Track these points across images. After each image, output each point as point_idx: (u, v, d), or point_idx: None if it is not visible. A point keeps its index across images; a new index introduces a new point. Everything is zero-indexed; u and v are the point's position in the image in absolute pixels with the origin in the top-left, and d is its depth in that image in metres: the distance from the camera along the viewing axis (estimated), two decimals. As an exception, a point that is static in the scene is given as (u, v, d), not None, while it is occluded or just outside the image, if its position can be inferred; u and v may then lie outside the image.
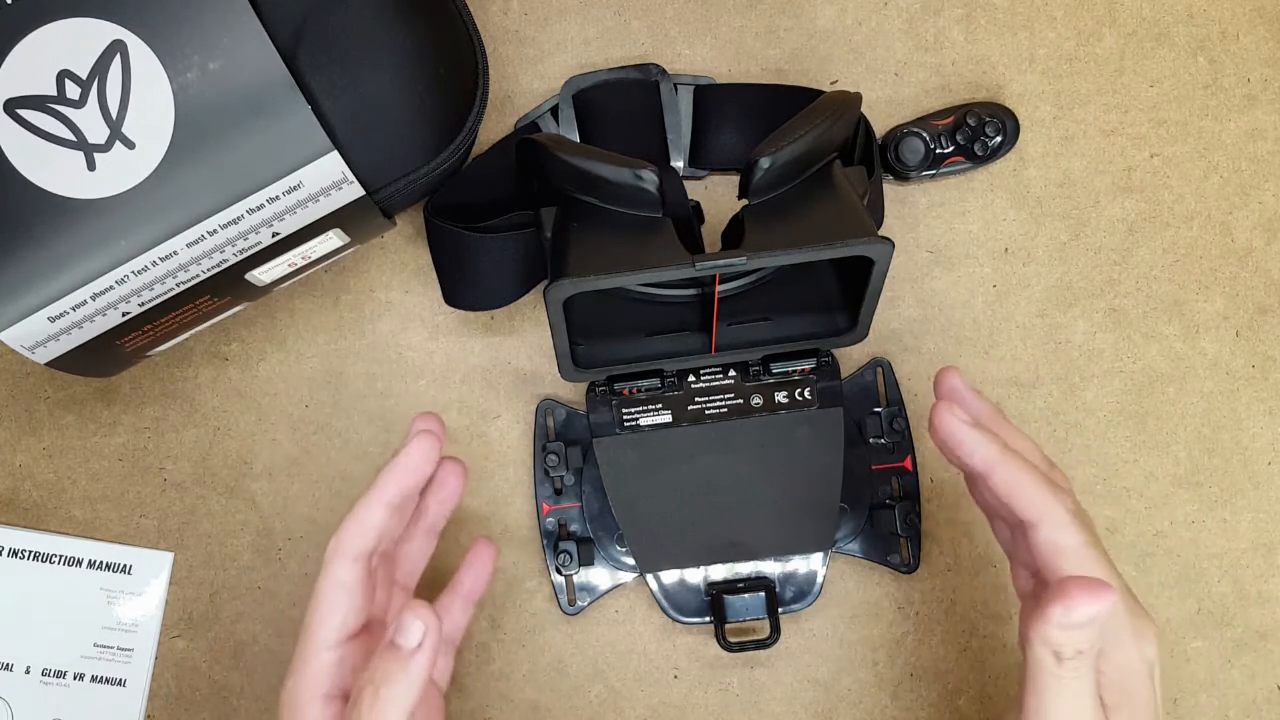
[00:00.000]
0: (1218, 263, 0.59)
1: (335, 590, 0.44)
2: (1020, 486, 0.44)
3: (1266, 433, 0.58)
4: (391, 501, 0.45)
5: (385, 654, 0.41)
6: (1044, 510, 0.43)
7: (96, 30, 0.43)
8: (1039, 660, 0.41)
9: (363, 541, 0.45)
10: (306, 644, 0.44)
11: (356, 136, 0.47)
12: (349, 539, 0.45)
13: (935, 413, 0.45)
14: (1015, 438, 0.48)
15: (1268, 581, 0.58)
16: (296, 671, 0.44)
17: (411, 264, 0.58)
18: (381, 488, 0.45)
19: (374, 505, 0.45)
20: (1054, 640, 0.41)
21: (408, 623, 0.41)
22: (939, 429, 0.45)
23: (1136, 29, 0.60)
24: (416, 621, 0.41)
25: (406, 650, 0.41)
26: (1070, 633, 0.40)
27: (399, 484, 0.45)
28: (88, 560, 0.57)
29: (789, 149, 0.48)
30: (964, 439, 0.45)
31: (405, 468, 0.46)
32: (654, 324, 0.54)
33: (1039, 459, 0.48)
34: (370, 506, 0.45)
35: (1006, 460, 0.44)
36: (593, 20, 0.59)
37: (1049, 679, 0.41)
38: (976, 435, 0.45)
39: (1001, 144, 0.58)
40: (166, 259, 0.46)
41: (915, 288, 0.59)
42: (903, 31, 0.60)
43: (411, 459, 0.46)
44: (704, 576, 0.56)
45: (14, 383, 0.58)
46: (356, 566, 0.45)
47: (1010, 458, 0.44)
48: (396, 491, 0.45)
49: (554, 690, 0.57)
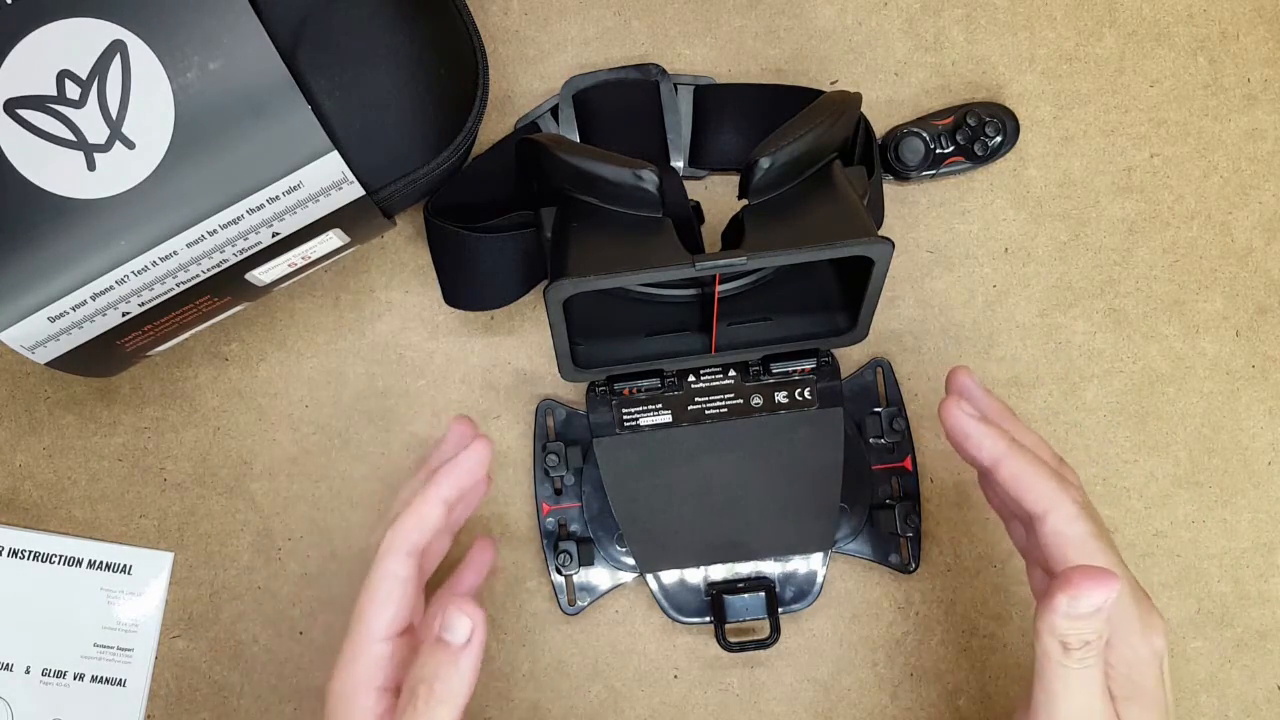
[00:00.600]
0: (1218, 263, 0.59)
1: (390, 583, 0.45)
2: (1028, 479, 0.44)
3: (1266, 433, 0.58)
4: (449, 499, 0.46)
5: (434, 651, 0.42)
6: (1051, 502, 0.44)
7: (96, 30, 0.43)
8: (1047, 651, 0.41)
9: (419, 536, 0.46)
10: (359, 636, 0.45)
11: (356, 136, 0.47)
12: (406, 533, 0.45)
13: (944, 407, 0.46)
14: (1024, 434, 0.49)
15: (1268, 581, 0.58)
16: (348, 664, 0.45)
17: (411, 264, 0.58)
18: (439, 485, 0.46)
19: (433, 502, 0.46)
20: (1061, 630, 0.41)
21: (454, 619, 0.41)
22: (948, 423, 0.46)
23: (1136, 29, 0.60)
24: (463, 618, 0.41)
25: (455, 646, 0.41)
26: (1077, 622, 0.41)
27: (457, 483, 0.46)
28: (88, 560, 0.57)
29: (789, 149, 0.48)
30: (972, 432, 0.45)
31: (464, 468, 0.47)
32: (654, 324, 0.54)
33: (1048, 455, 0.48)
34: (430, 503, 0.46)
35: (1014, 453, 0.45)
36: (593, 20, 0.59)
37: (1057, 669, 0.41)
38: (984, 429, 0.45)
39: (1001, 144, 0.58)
40: (166, 259, 0.46)
41: (915, 288, 0.59)
42: (903, 31, 0.60)
43: (471, 460, 0.47)
44: (704, 576, 0.56)
45: (14, 383, 0.58)
46: (410, 561, 0.45)
47: (1018, 451, 0.45)
48: (453, 491, 0.46)
49: (554, 690, 0.57)
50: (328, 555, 0.57)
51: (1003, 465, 0.45)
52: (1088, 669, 0.42)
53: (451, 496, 0.46)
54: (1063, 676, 0.42)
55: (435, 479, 0.46)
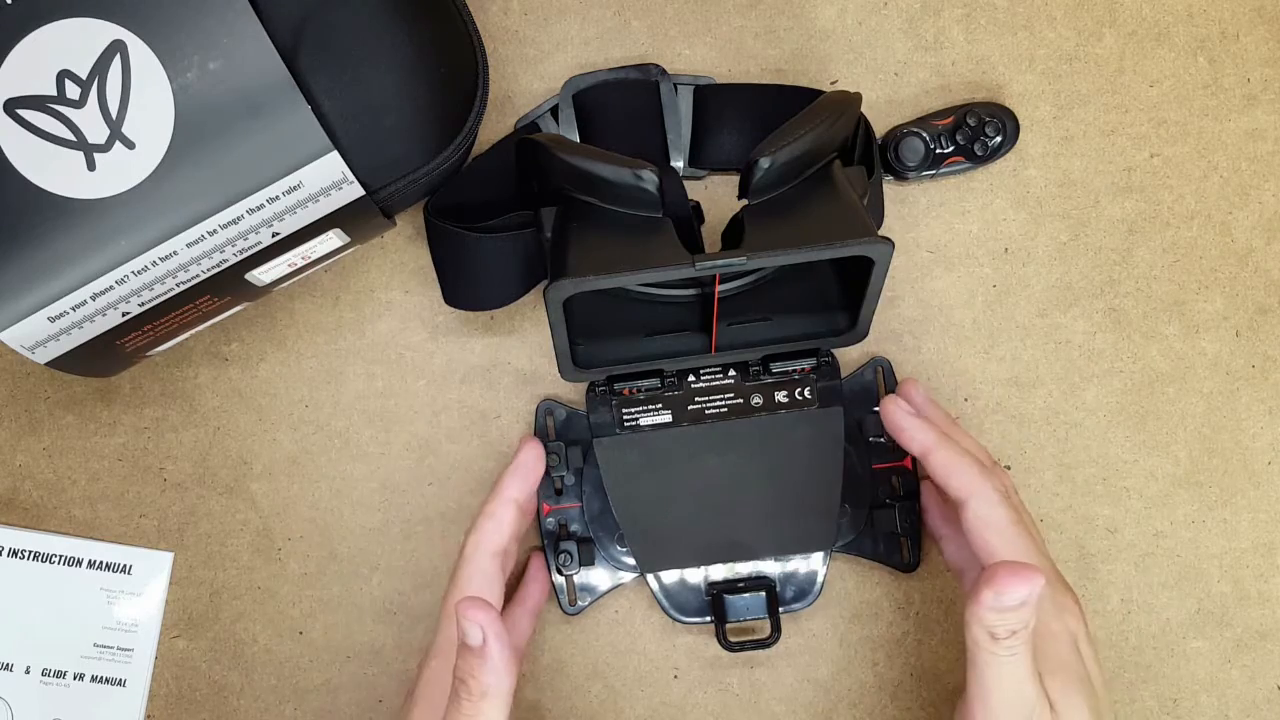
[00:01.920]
0: (1218, 263, 0.59)
1: (479, 577, 0.49)
2: (953, 466, 0.49)
3: (1266, 433, 0.58)
4: (519, 500, 0.51)
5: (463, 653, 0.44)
6: (974, 488, 0.48)
7: (96, 30, 0.43)
8: (977, 641, 0.44)
9: (499, 538, 0.50)
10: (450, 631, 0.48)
11: (356, 136, 0.47)
12: (489, 536, 0.50)
13: (883, 404, 0.52)
14: (961, 436, 0.54)
15: (1268, 581, 0.58)
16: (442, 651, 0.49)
17: (411, 264, 0.58)
18: (507, 486, 0.51)
19: (506, 503, 0.50)
20: (989, 622, 0.43)
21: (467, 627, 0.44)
22: (886, 417, 0.51)
23: (1136, 29, 0.60)
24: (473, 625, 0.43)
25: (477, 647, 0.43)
26: (1004, 614, 0.43)
27: (524, 482, 0.52)
28: (88, 560, 0.57)
29: (789, 149, 0.48)
30: (905, 425, 0.50)
31: (526, 467, 0.52)
32: (654, 324, 0.54)
33: (981, 454, 0.53)
34: (504, 504, 0.50)
35: (943, 445, 0.49)
36: (593, 20, 0.59)
37: (987, 657, 0.44)
38: (917, 423, 0.50)
39: (1001, 144, 0.58)
40: (166, 259, 0.46)
41: (915, 288, 0.59)
42: (903, 31, 0.60)
43: (528, 459, 0.52)
44: (704, 576, 0.56)
45: (14, 383, 0.58)
46: (495, 561, 0.49)
47: (947, 443, 0.49)
48: (522, 491, 0.51)
49: (554, 690, 0.57)
50: (328, 555, 0.57)
51: (932, 455, 0.49)
52: (1015, 655, 0.44)
53: (521, 496, 0.51)
54: (993, 663, 0.44)
55: (501, 483, 0.51)
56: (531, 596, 0.55)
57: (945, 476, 0.49)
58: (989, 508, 0.48)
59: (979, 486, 0.48)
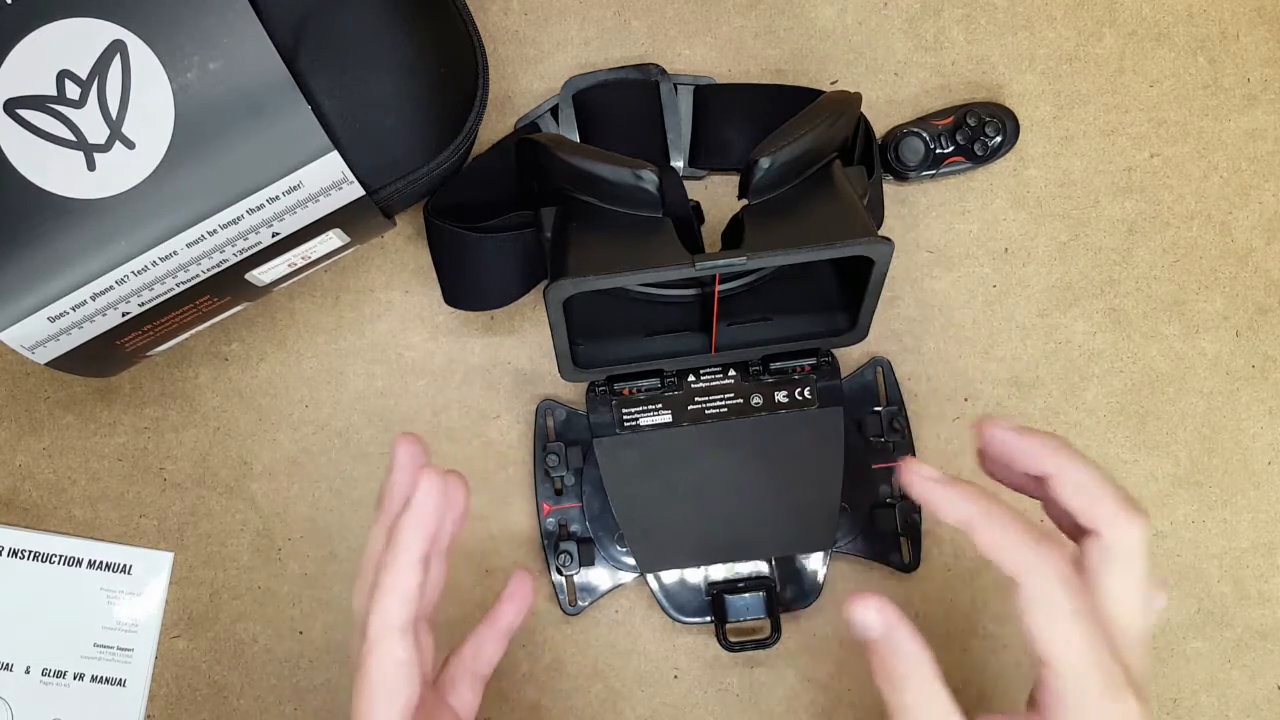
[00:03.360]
0: (1218, 263, 0.59)
1: (394, 671, 0.40)
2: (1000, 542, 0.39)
3: (1266, 433, 0.58)
4: (423, 559, 0.40)
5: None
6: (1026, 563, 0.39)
7: (96, 30, 0.43)
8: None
9: (406, 611, 0.40)
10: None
11: (356, 136, 0.47)
12: (393, 611, 0.40)
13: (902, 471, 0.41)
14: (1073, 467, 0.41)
15: (1268, 581, 0.58)
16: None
17: (411, 264, 0.58)
18: (407, 547, 0.40)
19: (406, 569, 0.40)
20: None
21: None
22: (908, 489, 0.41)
23: (1136, 29, 0.60)
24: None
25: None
26: None
27: (423, 538, 0.40)
28: (88, 560, 0.57)
29: (789, 149, 0.48)
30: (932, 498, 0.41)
31: (423, 517, 0.40)
32: (654, 324, 0.54)
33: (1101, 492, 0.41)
34: (403, 571, 0.40)
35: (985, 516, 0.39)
36: (593, 20, 0.59)
37: None
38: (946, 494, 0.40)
39: (1001, 144, 0.58)
40: (166, 259, 0.46)
41: (915, 288, 0.59)
42: (903, 31, 0.60)
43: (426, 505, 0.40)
44: (704, 576, 0.56)
45: (14, 383, 0.58)
46: (407, 639, 0.40)
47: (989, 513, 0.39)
48: (423, 547, 0.40)
49: (554, 690, 0.57)
50: (328, 555, 0.57)
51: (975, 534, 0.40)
52: None
53: (423, 553, 0.40)
54: None
55: (398, 540, 0.40)
56: (504, 616, 0.48)
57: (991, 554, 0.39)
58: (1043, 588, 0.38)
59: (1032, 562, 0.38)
